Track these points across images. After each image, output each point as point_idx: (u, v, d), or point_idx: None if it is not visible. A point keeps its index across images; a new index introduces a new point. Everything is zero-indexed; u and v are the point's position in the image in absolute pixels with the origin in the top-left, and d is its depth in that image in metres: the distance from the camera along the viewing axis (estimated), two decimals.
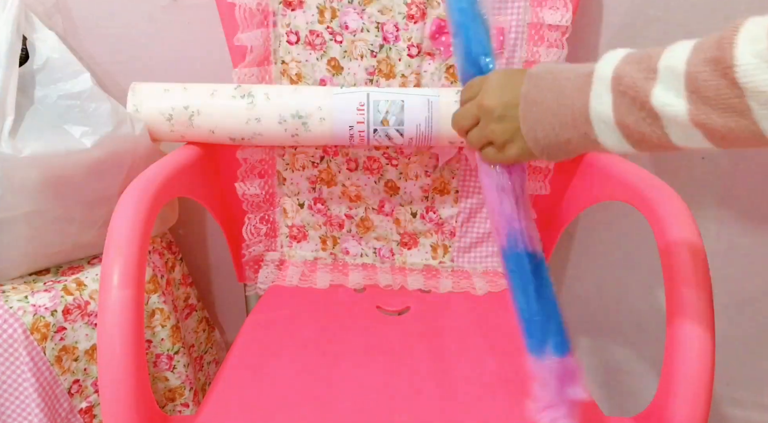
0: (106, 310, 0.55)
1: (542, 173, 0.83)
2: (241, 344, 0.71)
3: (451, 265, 0.91)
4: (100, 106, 0.75)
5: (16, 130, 0.69)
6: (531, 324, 0.51)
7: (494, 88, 0.49)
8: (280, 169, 0.87)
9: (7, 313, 0.66)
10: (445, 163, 0.85)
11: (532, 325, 0.51)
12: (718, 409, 1.10)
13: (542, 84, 0.46)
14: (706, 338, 0.55)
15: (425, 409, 0.61)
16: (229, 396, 0.62)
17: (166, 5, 0.88)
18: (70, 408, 0.73)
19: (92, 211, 0.77)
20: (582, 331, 1.10)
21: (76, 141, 0.73)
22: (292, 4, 0.79)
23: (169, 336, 0.83)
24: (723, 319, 1.04)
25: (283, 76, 0.82)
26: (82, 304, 0.73)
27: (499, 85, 0.49)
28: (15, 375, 0.67)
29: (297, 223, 0.90)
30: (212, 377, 0.98)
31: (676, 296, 0.58)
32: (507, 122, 0.48)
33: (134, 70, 0.92)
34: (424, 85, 0.82)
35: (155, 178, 0.65)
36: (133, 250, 0.57)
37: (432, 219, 0.89)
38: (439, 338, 0.74)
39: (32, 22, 0.75)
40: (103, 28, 0.89)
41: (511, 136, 0.48)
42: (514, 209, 0.51)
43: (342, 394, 0.63)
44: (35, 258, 0.75)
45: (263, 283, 0.87)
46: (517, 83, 0.48)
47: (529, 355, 0.51)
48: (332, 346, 0.72)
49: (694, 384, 0.55)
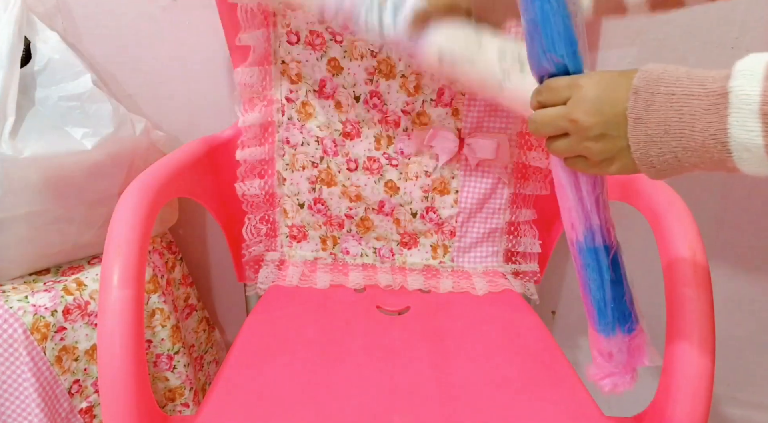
0: (106, 310, 0.55)
1: (542, 173, 0.83)
2: (241, 344, 0.71)
3: (451, 265, 0.91)
4: (101, 107, 0.76)
5: (16, 131, 0.69)
6: (603, 310, 0.51)
7: (590, 102, 0.44)
8: (280, 169, 0.87)
9: (8, 313, 0.66)
10: (445, 163, 0.85)
11: (604, 310, 0.51)
12: (718, 409, 1.10)
13: (655, 101, 0.41)
14: (706, 338, 0.55)
15: (425, 409, 0.61)
16: (229, 396, 0.62)
17: (166, 5, 0.88)
18: (70, 408, 0.73)
19: (92, 212, 0.77)
20: (582, 331, 1.10)
21: (77, 142, 0.73)
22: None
23: (169, 336, 0.84)
24: (723, 319, 1.04)
25: (283, 76, 0.82)
26: (82, 304, 0.73)
27: (596, 99, 0.43)
28: (15, 375, 0.67)
29: (297, 223, 0.90)
30: (212, 377, 0.98)
31: (676, 296, 0.58)
32: (607, 141, 0.43)
33: (134, 70, 0.92)
34: (425, 84, 0.82)
35: (155, 178, 0.65)
36: (133, 250, 0.57)
37: (432, 219, 0.89)
38: (439, 338, 0.74)
39: (33, 23, 0.75)
40: (103, 28, 0.89)
41: (612, 155, 0.44)
42: (594, 206, 0.49)
43: (342, 394, 0.63)
44: (35, 258, 0.75)
45: (263, 283, 0.87)
46: (620, 97, 0.42)
47: (597, 333, 0.52)
48: (332, 346, 0.72)
49: (694, 384, 0.55)
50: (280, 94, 0.83)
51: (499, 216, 0.88)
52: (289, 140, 0.85)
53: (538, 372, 0.68)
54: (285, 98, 0.83)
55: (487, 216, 0.88)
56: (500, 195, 0.87)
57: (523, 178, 0.85)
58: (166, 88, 0.93)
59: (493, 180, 0.86)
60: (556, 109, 0.46)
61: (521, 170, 0.85)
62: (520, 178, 0.85)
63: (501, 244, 0.89)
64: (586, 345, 1.11)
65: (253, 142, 0.84)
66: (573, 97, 0.45)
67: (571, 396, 0.64)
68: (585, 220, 0.49)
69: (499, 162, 0.85)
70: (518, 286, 0.88)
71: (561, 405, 0.63)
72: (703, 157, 0.40)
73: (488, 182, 0.86)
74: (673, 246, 0.60)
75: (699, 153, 0.40)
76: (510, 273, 0.89)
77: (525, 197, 0.86)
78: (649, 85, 0.41)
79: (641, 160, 0.42)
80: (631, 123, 0.42)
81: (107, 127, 0.76)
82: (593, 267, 0.50)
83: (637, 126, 0.42)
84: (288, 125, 0.85)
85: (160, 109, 0.94)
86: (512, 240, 0.88)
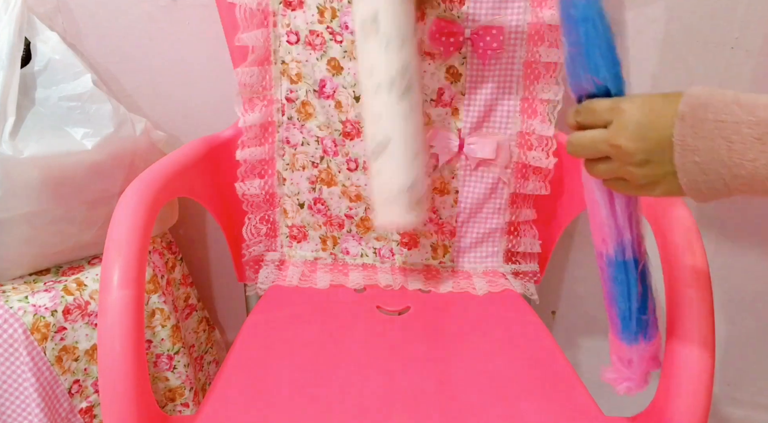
0: (106, 310, 0.55)
1: (542, 173, 0.83)
2: (241, 344, 0.71)
3: (451, 265, 0.91)
4: (101, 107, 0.76)
5: (17, 131, 0.70)
6: (628, 320, 0.52)
7: (634, 127, 0.43)
8: (280, 169, 0.87)
9: (8, 313, 0.66)
10: (445, 163, 0.85)
11: (629, 321, 0.52)
12: (718, 409, 1.10)
13: (704, 129, 0.40)
14: (706, 338, 0.55)
15: (425, 409, 0.61)
16: (229, 396, 0.62)
17: (166, 5, 0.88)
18: (71, 408, 0.73)
19: (92, 212, 0.77)
20: (582, 331, 1.10)
21: (77, 142, 0.73)
22: (292, 4, 0.79)
23: (169, 336, 0.84)
24: (723, 319, 1.04)
25: (283, 76, 0.82)
26: (82, 304, 0.73)
27: (639, 124, 0.43)
28: (15, 375, 0.67)
29: (297, 223, 0.90)
30: (212, 377, 0.98)
31: (676, 296, 0.58)
32: (652, 167, 0.43)
33: (134, 70, 0.92)
34: (424, 85, 0.82)
35: (155, 178, 0.65)
36: (133, 250, 0.57)
37: (432, 219, 0.89)
38: (439, 338, 0.74)
39: (33, 23, 0.75)
40: (103, 28, 0.89)
41: (656, 180, 0.43)
42: (626, 222, 0.49)
43: (342, 394, 0.63)
44: (35, 258, 0.75)
45: (263, 283, 0.87)
46: (664, 123, 0.41)
47: (620, 341, 0.53)
48: (332, 346, 0.72)
49: (694, 384, 0.55)
50: (280, 94, 0.83)
51: (499, 216, 0.88)
52: (289, 140, 0.86)
53: (538, 372, 0.68)
54: (285, 98, 0.84)
55: (487, 216, 0.88)
56: (500, 195, 0.87)
57: (523, 178, 0.85)
58: (166, 88, 0.93)
59: (493, 180, 0.86)
60: (597, 132, 0.45)
61: (521, 170, 0.85)
62: (520, 178, 0.85)
63: (501, 244, 0.89)
64: (586, 345, 1.11)
65: (253, 142, 0.84)
66: (615, 122, 0.44)
67: (571, 396, 0.64)
68: (617, 235, 0.50)
69: (499, 162, 0.85)
70: (518, 286, 0.88)
71: (561, 405, 0.63)
72: (754, 184, 0.39)
73: (488, 182, 0.86)
74: (673, 246, 0.60)
75: (749, 180, 0.39)
76: (510, 273, 0.89)
77: (525, 197, 0.86)
78: (696, 111, 0.40)
79: (688, 186, 0.42)
80: (677, 150, 0.41)
81: (107, 127, 0.76)
82: (622, 280, 0.51)
83: (684, 153, 0.41)
84: (288, 125, 0.85)
85: (160, 109, 0.94)
86: (512, 240, 0.88)
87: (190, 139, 0.81)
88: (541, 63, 0.79)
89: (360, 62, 0.68)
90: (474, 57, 0.80)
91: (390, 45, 0.64)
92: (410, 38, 0.66)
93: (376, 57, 0.66)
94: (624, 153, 0.43)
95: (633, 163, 0.43)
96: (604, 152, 0.45)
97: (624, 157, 0.44)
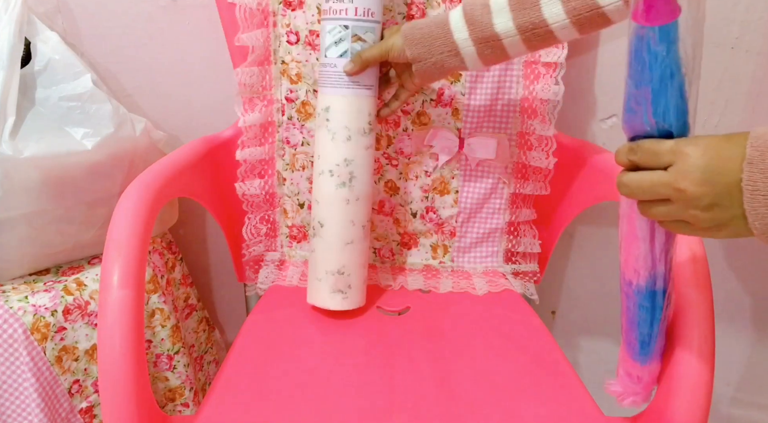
0: (106, 310, 0.55)
1: (542, 173, 0.83)
2: (241, 344, 0.71)
3: (451, 265, 0.91)
4: (101, 107, 0.76)
5: (17, 131, 0.70)
6: (647, 344, 0.53)
7: (699, 172, 0.42)
8: (280, 169, 0.87)
9: (8, 313, 0.66)
10: (445, 163, 0.85)
11: (647, 344, 0.53)
12: (718, 409, 1.10)
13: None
14: (706, 338, 0.55)
15: (425, 409, 0.61)
16: (229, 396, 0.62)
17: (166, 5, 0.88)
18: (71, 408, 0.73)
19: (92, 212, 0.77)
20: (582, 331, 1.10)
21: (77, 142, 0.73)
22: (292, 4, 0.79)
23: (169, 336, 0.84)
24: (723, 318, 1.04)
25: (283, 76, 0.82)
26: (82, 304, 0.73)
27: (705, 168, 0.42)
28: (15, 375, 0.67)
29: (297, 223, 0.90)
30: (212, 377, 0.98)
31: (677, 296, 0.58)
32: (719, 211, 0.42)
33: (134, 70, 0.92)
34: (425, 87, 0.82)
35: (155, 178, 0.65)
36: (133, 250, 0.57)
37: (432, 219, 0.89)
38: (439, 338, 0.74)
39: (34, 23, 0.75)
40: (103, 28, 0.89)
41: (722, 223, 0.43)
42: (662, 255, 0.49)
43: (342, 394, 0.63)
44: (35, 258, 0.75)
45: (263, 283, 0.87)
46: (732, 167, 0.41)
47: (634, 361, 0.55)
48: (332, 346, 0.72)
49: (694, 384, 0.55)
50: (280, 94, 0.83)
51: (499, 216, 0.88)
52: (289, 140, 0.86)
53: (538, 372, 0.68)
54: (285, 98, 0.84)
55: (487, 216, 0.88)
56: (500, 195, 0.87)
57: (523, 178, 0.85)
58: (166, 88, 0.93)
59: (493, 180, 0.86)
60: (656, 174, 0.44)
61: (521, 170, 0.85)
62: (520, 178, 0.85)
63: (501, 244, 0.89)
64: (586, 345, 1.12)
65: (253, 142, 0.84)
66: (678, 165, 0.43)
67: (571, 396, 0.64)
68: (651, 268, 0.50)
69: (499, 162, 0.85)
70: (518, 286, 0.88)
71: (561, 405, 0.63)
72: None
73: (488, 182, 0.86)
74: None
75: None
76: (510, 273, 0.90)
77: (525, 197, 0.86)
78: (765, 155, 0.40)
79: (759, 229, 0.41)
80: (747, 195, 0.41)
81: (107, 127, 0.76)
82: (648, 308, 0.52)
83: (755, 198, 0.40)
84: (288, 125, 0.85)
85: (160, 109, 0.94)
86: (512, 240, 0.88)
87: (190, 139, 0.81)
88: (541, 63, 0.79)
89: (315, 144, 0.75)
90: None
91: (335, 138, 0.71)
92: (361, 133, 0.72)
93: (323, 146, 0.73)
94: (689, 197, 0.43)
95: (699, 208, 0.43)
96: (665, 195, 0.44)
97: (689, 201, 0.43)
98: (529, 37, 0.63)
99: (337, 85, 0.71)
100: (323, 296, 0.76)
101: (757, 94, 0.89)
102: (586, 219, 1.00)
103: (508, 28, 0.63)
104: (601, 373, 1.09)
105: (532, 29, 0.63)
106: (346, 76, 0.70)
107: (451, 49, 0.66)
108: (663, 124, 0.44)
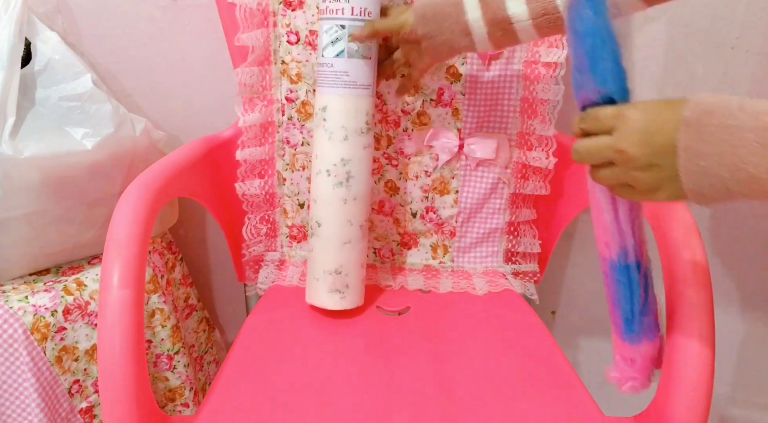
0: (106, 310, 0.55)
1: (542, 173, 0.83)
2: (241, 344, 0.71)
3: (451, 265, 0.91)
4: (101, 107, 0.76)
5: (17, 131, 0.70)
6: (631, 321, 0.53)
7: (638, 133, 0.44)
8: (280, 169, 0.87)
9: (8, 313, 0.66)
10: (445, 163, 0.85)
11: (631, 322, 0.53)
12: (718, 409, 1.10)
13: (708, 134, 0.41)
14: (706, 338, 0.55)
15: (425, 409, 0.61)
16: (229, 396, 0.62)
17: (165, 5, 0.88)
18: (71, 408, 0.73)
19: (92, 212, 0.77)
20: (582, 331, 1.11)
21: (77, 142, 0.73)
22: (292, 4, 0.79)
23: (169, 336, 0.84)
24: (723, 318, 1.04)
25: (283, 76, 0.82)
26: (82, 304, 0.73)
27: (644, 130, 0.44)
28: (15, 375, 0.67)
29: (297, 223, 0.90)
30: (212, 377, 0.98)
31: (676, 296, 0.58)
32: (655, 171, 0.44)
33: (134, 70, 0.92)
34: (424, 85, 0.82)
35: (155, 178, 0.65)
36: (133, 250, 0.57)
37: (432, 219, 0.89)
38: (439, 338, 0.74)
39: (34, 23, 0.75)
40: (103, 28, 0.89)
41: (659, 185, 0.44)
42: (629, 227, 0.50)
43: (342, 394, 0.63)
44: (35, 258, 0.75)
45: (263, 283, 0.87)
46: (669, 128, 0.43)
47: (623, 341, 0.54)
48: (332, 346, 0.72)
49: (694, 384, 0.55)
50: (280, 94, 0.83)
51: (499, 216, 0.88)
52: (289, 140, 0.86)
53: (538, 372, 0.68)
54: (285, 98, 0.84)
55: (487, 216, 0.88)
56: (500, 195, 0.87)
57: (523, 178, 0.85)
58: (166, 88, 0.93)
59: (493, 180, 0.86)
60: (601, 139, 0.46)
61: (521, 170, 0.85)
62: (520, 178, 0.85)
63: (501, 244, 0.89)
64: (586, 345, 1.11)
65: (253, 142, 0.84)
66: (620, 128, 0.45)
67: (571, 396, 0.64)
68: (620, 240, 0.51)
69: (499, 162, 0.85)
70: (518, 286, 0.88)
71: (561, 405, 0.63)
72: (756, 189, 0.40)
73: (488, 182, 0.86)
74: (672, 245, 0.60)
75: (751, 185, 0.40)
76: (510, 273, 0.90)
77: (525, 197, 0.86)
78: (701, 117, 0.41)
79: (692, 190, 0.43)
80: (681, 154, 0.42)
81: (107, 127, 0.76)
82: (624, 283, 0.52)
83: (688, 157, 0.42)
84: (288, 125, 0.85)
85: (160, 109, 0.94)
86: (512, 240, 0.88)
87: (190, 139, 0.81)
88: (541, 63, 0.79)
89: (312, 144, 0.75)
90: (474, 57, 0.80)
91: (332, 137, 0.72)
92: (358, 133, 0.72)
93: (321, 145, 0.73)
94: (629, 158, 0.44)
95: (637, 168, 0.44)
96: (609, 158, 0.46)
97: (629, 162, 0.45)
98: (541, 22, 0.63)
99: (334, 85, 0.71)
100: (321, 296, 0.76)
101: (757, 94, 0.89)
102: (586, 219, 1.00)
103: (520, 12, 0.63)
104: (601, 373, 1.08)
105: (543, 14, 0.63)
106: (343, 76, 0.70)
107: (462, 29, 0.66)
108: (603, 89, 0.46)
